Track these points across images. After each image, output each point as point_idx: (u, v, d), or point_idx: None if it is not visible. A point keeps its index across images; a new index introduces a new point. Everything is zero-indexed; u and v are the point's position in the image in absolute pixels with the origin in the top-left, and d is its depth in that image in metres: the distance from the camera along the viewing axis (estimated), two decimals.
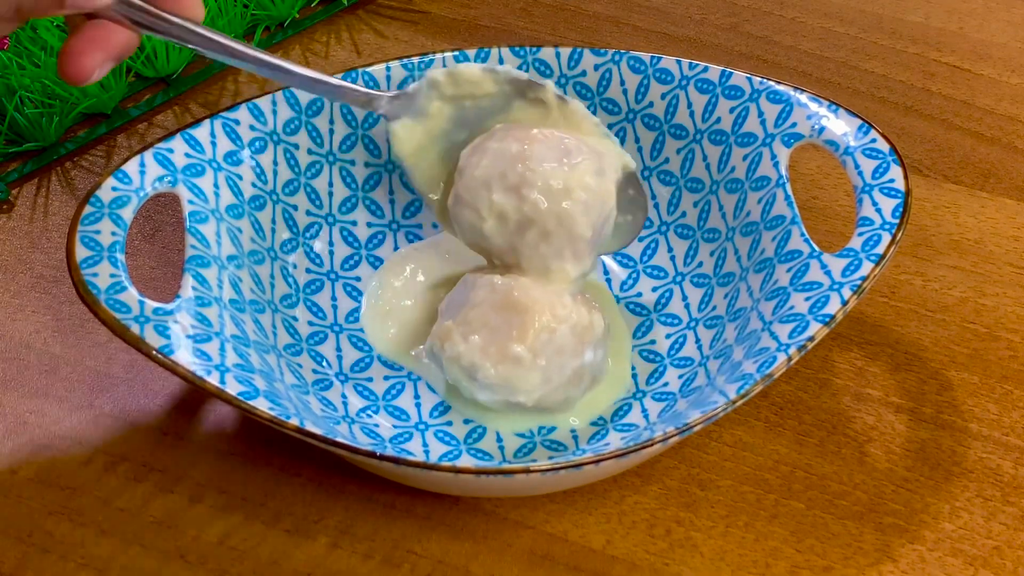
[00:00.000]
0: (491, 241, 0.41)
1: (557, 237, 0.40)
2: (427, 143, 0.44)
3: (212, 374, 0.36)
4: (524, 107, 0.43)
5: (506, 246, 0.41)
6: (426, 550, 0.39)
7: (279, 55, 0.61)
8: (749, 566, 0.39)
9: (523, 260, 0.41)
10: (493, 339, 0.39)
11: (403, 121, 0.43)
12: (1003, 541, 0.39)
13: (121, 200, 0.40)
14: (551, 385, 0.40)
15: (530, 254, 0.41)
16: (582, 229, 0.40)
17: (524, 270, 0.41)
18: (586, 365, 0.40)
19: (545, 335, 0.39)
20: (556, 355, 0.39)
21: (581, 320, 0.40)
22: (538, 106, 0.43)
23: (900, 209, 0.41)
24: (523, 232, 0.40)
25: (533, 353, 0.39)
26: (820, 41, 0.63)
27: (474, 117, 0.43)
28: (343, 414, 0.42)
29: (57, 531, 0.40)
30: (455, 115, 0.43)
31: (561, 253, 0.41)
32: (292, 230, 0.46)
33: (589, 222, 0.40)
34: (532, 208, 0.40)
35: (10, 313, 0.47)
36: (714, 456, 0.42)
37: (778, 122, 0.45)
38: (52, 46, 0.57)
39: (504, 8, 0.66)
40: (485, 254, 0.42)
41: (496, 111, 0.43)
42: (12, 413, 0.44)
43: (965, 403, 0.44)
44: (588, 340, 0.40)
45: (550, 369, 0.39)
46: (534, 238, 0.40)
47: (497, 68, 0.43)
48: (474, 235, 0.41)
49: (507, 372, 0.39)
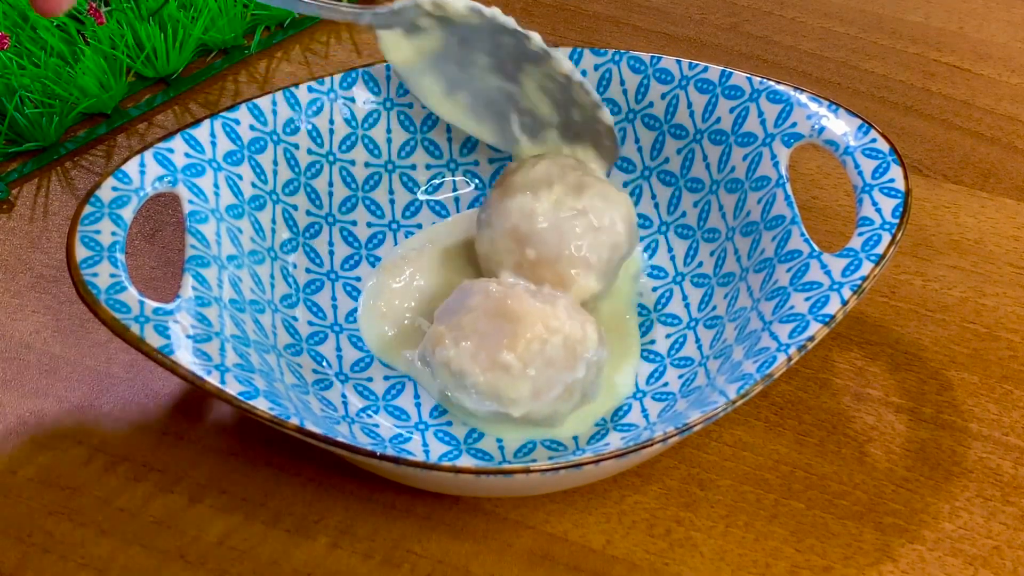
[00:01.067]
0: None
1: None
2: (420, 63, 0.46)
3: (212, 374, 0.36)
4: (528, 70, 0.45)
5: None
6: (426, 550, 0.39)
7: (280, 55, 0.61)
8: (749, 566, 0.39)
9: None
10: (483, 346, 0.39)
11: (392, 31, 0.45)
12: (1003, 541, 0.39)
13: (121, 200, 0.40)
14: (540, 398, 0.39)
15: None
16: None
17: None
18: (577, 381, 0.40)
19: (536, 345, 0.39)
20: (547, 366, 0.39)
21: (574, 333, 0.39)
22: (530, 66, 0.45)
23: (900, 209, 0.41)
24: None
25: (523, 362, 0.39)
26: (820, 41, 0.63)
27: (463, 52, 0.45)
28: (343, 414, 0.42)
29: (57, 531, 0.40)
30: (444, 38, 0.45)
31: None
32: (292, 230, 0.46)
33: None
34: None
35: (10, 313, 0.47)
36: (714, 456, 0.42)
37: (778, 122, 0.45)
38: (52, 46, 0.57)
39: (504, 8, 0.65)
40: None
41: (486, 52, 0.45)
42: (12, 413, 0.44)
43: (965, 403, 0.44)
44: (581, 353, 0.40)
45: (540, 380, 0.39)
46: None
47: (483, 9, 0.44)
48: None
49: (495, 380, 0.39)
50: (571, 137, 0.46)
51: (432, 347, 0.40)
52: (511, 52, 0.45)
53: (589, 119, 0.46)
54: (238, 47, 0.62)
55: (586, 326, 0.40)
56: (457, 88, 0.46)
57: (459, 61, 0.46)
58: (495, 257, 0.44)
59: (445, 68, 0.46)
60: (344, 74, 0.47)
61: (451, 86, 0.46)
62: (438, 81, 0.46)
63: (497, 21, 0.44)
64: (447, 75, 0.46)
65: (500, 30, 0.44)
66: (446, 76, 0.46)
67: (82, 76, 0.55)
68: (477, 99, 0.47)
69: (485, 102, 0.47)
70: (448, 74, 0.46)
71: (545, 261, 0.43)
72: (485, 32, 0.44)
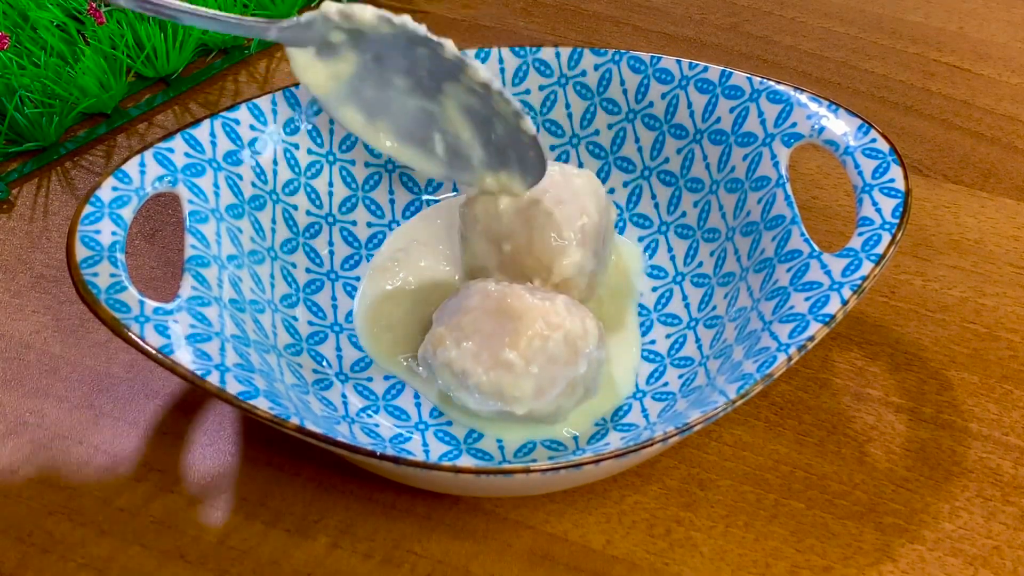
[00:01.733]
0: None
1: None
2: (338, 90, 0.44)
3: (212, 374, 0.36)
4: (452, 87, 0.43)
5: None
6: (426, 550, 0.39)
7: (280, 54, 0.61)
8: (749, 566, 0.39)
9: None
10: (485, 345, 0.39)
11: (305, 51, 0.43)
12: (1003, 541, 0.39)
13: (121, 200, 0.40)
14: (543, 396, 0.39)
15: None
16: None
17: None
18: (579, 377, 0.40)
19: (538, 342, 0.39)
20: (549, 363, 0.39)
21: (575, 328, 0.40)
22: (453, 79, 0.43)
23: (900, 209, 0.41)
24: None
25: (525, 360, 0.39)
26: (820, 41, 0.63)
27: (380, 72, 0.44)
28: (343, 414, 0.42)
29: (57, 531, 0.40)
30: (358, 57, 0.43)
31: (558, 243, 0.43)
32: (292, 230, 0.46)
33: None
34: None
35: (10, 313, 0.47)
36: (714, 456, 0.42)
37: (778, 122, 0.45)
38: (52, 46, 0.57)
39: (504, 8, 0.66)
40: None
41: (403, 71, 0.43)
42: (12, 413, 0.44)
43: (965, 403, 0.44)
44: (582, 349, 0.40)
45: (542, 377, 0.39)
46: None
47: (392, 16, 0.42)
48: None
49: (498, 378, 0.39)
50: (496, 159, 0.44)
51: (433, 349, 0.40)
52: (428, 67, 0.43)
53: (512, 130, 0.43)
54: (238, 47, 0.62)
55: (586, 321, 0.40)
56: (378, 114, 0.45)
57: (377, 83, 0.44)
58: (479, 263, 0.44)
59: (363, 93, 0.44)
60: None
61: (371, 113, 0.45)
62: (359, 111, 0.44)
63: (408, 28, 0.42)
64: (366, 101, 0.44)
65: (413, 40, 0.42)
66: (365, 102, 0.44)
67: (82, 76, 0.55)
68: (400, 125, 0.45)
69: (408, 128, 0.45)
70: (368, 100, 0.44)
71: (522, 249, 0.43)
72: (399, 45, 0.43)
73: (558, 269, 0.43)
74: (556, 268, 0.43)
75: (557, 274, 0.43)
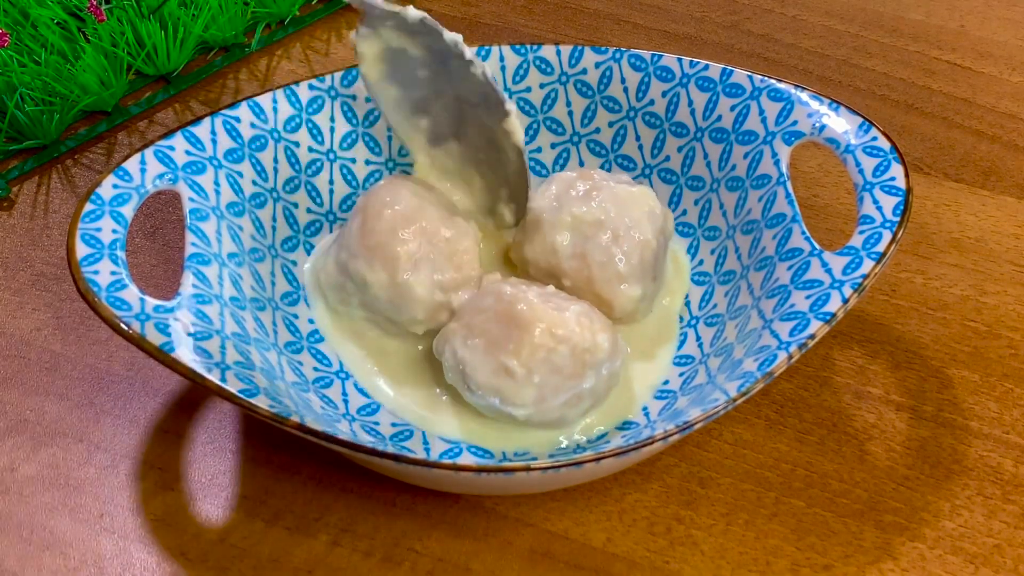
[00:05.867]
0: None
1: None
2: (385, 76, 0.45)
3: (213, 371, 0.36)
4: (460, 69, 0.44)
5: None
6: (427, 548, 0.39)
7: (280, 52, 0.61)
8: (749, 564, 0.39)
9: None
10: (490, 348, 0.39)
11: (372, 42, 0.44)
12: (1003, 539, 0.39)
13: (122, 197, 0.40)
14: (546, 404, 0.39)
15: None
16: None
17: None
18: (585, 389, 0.40)
19: (542, 353, 0.39)
20: (552, 374, 0.39)
21: (582, 342, 0.39)
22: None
23: (901, 207, 0.41)
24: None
25: (527, 369, 0.38)
26: (821, 39, 0.63)
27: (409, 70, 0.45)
28: (344, 412, 0.42)
29: (57, 529, 0.40)
30: (408, 61, 0.44)
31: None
32: (293, 228, 0.46)
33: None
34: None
35: (11, 310, 0.47)
36: (715, 454, 0.42)
37: (779, 120, 0.45)
38: (53, 43, 0.57)
39: (505, 6, 0.66)
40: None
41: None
42: (13, 411, 0.44)
43: (966, 401, 0.44)
44: (590, 362, 0.39)
45: (545, 388, 0.39)
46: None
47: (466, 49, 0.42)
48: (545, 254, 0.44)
49: (499, 383, 0.39)
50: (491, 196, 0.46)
51: (444, 343, 0.40)
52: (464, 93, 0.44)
53: (517, 170, 0.44)
54: (239, 45, 0.62)
55: (597, 335, 0.39)
56: (418, 105, 0.46)
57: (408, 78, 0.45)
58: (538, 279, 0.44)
59: (407, 89, 0.45)
60: (345, 72, 0.47)
61: (415, 108, 0.46)
62: (403, 100, 0.45)
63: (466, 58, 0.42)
64: (410, 96, 0.45)
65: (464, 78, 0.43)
66: (409, 97, 0.45)
67: (83, 74, 0.55)
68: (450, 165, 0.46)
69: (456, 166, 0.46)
70: (410, 93, 0.45)
71: (582, 288, 0.43)
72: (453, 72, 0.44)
73: (619, 305, 0.43)
74: (617, 305, 0.43)
75: (619, 309, 0.43)
